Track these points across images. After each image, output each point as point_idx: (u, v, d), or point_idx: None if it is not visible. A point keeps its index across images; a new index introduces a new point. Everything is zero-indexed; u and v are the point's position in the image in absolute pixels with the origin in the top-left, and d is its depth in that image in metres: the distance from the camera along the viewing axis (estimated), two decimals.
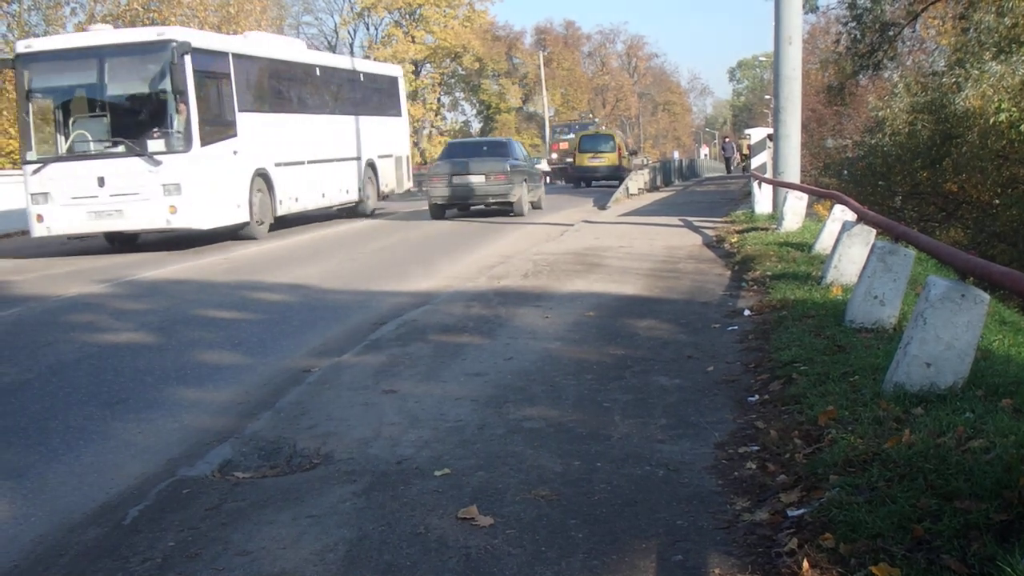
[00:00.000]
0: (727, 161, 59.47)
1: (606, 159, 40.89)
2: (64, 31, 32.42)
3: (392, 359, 7.44)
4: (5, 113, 28.82)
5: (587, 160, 41.26)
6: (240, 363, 7.91)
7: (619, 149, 42.04)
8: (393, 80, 28.11)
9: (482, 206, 23.34)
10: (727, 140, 65.08)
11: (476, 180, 22.33)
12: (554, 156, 54.49)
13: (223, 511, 4.48)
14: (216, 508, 4.52)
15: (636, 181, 30.83)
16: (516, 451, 5.10)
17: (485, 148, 25.18)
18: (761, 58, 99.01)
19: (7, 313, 10.67)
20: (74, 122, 16.98)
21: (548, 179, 48.80)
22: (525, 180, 23.42)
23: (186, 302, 11.10)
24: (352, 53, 77.73)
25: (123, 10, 31.40)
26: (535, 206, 25.00)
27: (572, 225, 18.80)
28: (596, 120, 62.96)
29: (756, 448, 4.96)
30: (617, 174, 38.05)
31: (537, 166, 29.82)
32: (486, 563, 3.80)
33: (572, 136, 51.36)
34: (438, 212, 22.98)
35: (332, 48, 78.73)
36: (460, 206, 23.41)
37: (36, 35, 31.58)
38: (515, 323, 8.75)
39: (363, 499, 4.53)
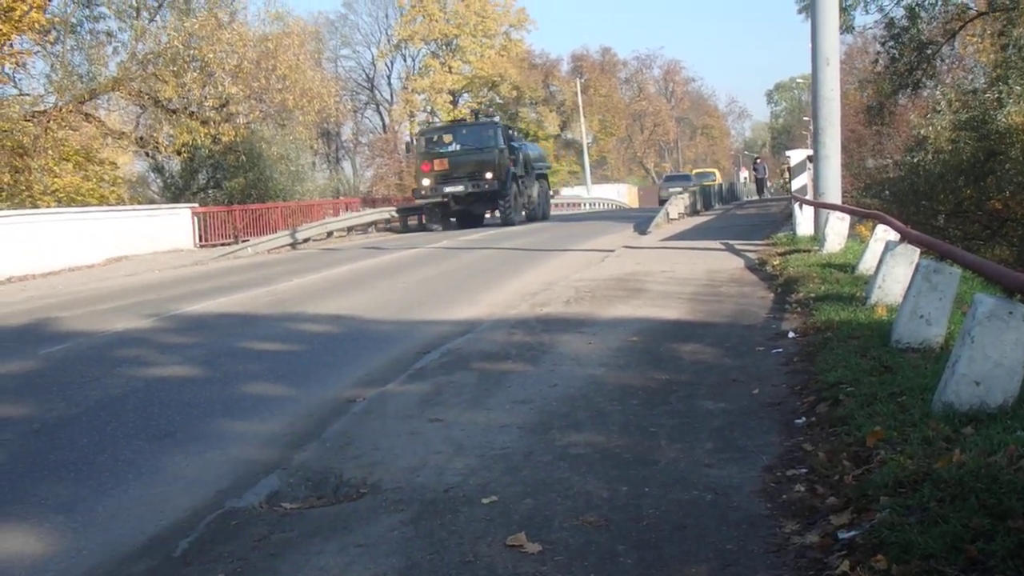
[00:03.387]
0: (759, 183, 57.72)
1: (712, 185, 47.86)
2: (106, 70, 32.89)
3: (437, 388, 7.46)
4: (50, 152, 29.24)
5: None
6: (285, 394, 7.95)
7: (717, 178, 58.96)
8: None
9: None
10: (759, 161, 62.72)
11: (676, 190, 39.15)
12: (425, 183, 32.40)
13: (272, 542, 4.51)
14: (265, 539, 4.55)
15: (676, 206, 30.69)
16: (563, 477, 5.10)
17: (679, 176, 53.66)
18: (799, 80, 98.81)
19: (56, 349, 10.79)
20: None
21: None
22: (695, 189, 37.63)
23: (231, 335, 11.18)
24: (390, 85, 78.61)
25: (164, 47, 31.76)
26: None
27: (613, 251, 18.76)
28: (497, 116, 42.38)
29: (804, 470, 4.93)
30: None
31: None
32: None
33: (456, 148, 32.80)
34: (661, 203, 39.67)
35: (370, 80, 79.49)
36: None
37: (79, 75, 32.06)
38: (559, 350, 8.75)
39: (411, 528, 4.53)
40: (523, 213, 34.69)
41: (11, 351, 10.89)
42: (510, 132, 35.56)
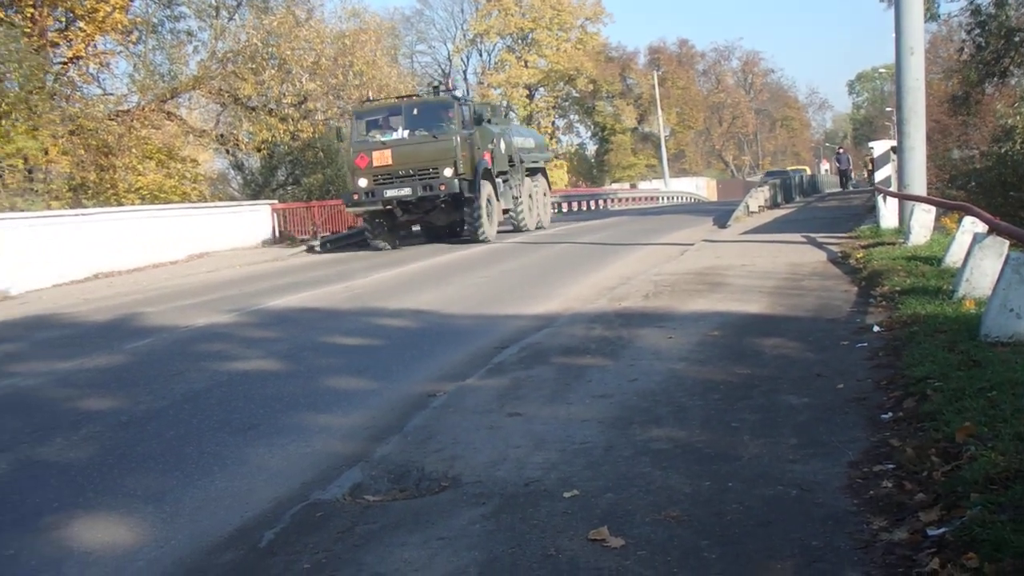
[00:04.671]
0: (843, 175, 56.36)
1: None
2: (187, 69, 33.44)
3: (516, 382, 7.46)
4: (134, 150, 29.82)
5: None
6: (366, 388, 8.02)
7: (808, 172, 63.24)
8: None
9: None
10: (842, 151, 61.01)
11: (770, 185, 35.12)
12: (361, 184, 23.30)
13: (356, 533, 4.54)
14: (349, 531, 4.58)
15: (756, 199, 30.37)
16: (644, 472, 5.06)
17: (779, 172, 54.20)
18: (881, 70, 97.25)
19: (141, 343, 11.00)
20: None
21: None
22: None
23: (312, 329, 11.30)
24: (466, 80, 79.03)
25: (243, 46, 32.24)
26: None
27: (692, 244, 18.62)
28: (459, 90, 31.91)
29: (891, 466, 4.83)
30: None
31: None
32: None
33: (402, 135, 23.60)
34: None
35: (446, 76, 79.87)
36: None
37: (160, 75, 32.62)
38: (638, 344, 8.70)
39: (492, 521, 4.54)
40: (501, 222, 26.04)
41: (99, 346, 11.13)
42: (485, 109, 26.29)
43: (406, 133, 23.60)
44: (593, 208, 49.47)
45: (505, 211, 26.17)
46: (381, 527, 4.61)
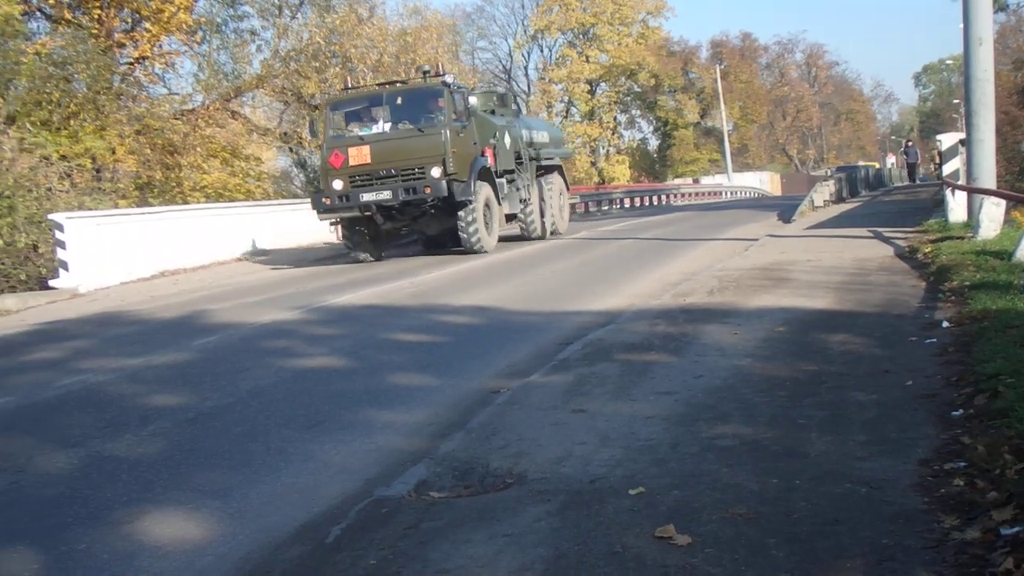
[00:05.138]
0: (911, 168, 55.76)
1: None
2: (250, 68, 33.76)
3: (580, 379, 7.43)
4: (199, 149, 30.17)
5: None
6: (430, 385, 8.04)
7: (876, 167, 60.71)
8: None
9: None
10: (910, 144, 60.26)
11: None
12: (336, 186, 19.87)
13: (421, 530, 4.55)
14: (414, 527, 4.60)
15: (821, 193, 30.04)
16: (710, 469, 5.02)
17: (849, 167, 49.91)
18: (948, 61, 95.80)
19: (207, 340, 11.12)
20: None
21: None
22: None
23: (375, 326, 11.36)
24: (527, 76, 79.07)
25: (305, 44, 32.50)
26: None
27: (756, 240, 18.47)
28: (450, 76, 21.41)
29: (963, 464, 4.75)
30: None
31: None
32: None
33: (384, 129, 20.04)
34: None
35: (507, 72, 79.97)
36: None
37: (224, 74, 32.95)
38: (703, 340, 8.63)
39: (558, 518, 4.53)
40: (500, 229, 22.09)
41: (167, 343, 11.27)
42: (487, 97, 23.45)
43: (388, 126, 20.19)
44: (655, 203, 49.19)
45: (510, 216, 22.69)
46: (446, 523, 4.61)
